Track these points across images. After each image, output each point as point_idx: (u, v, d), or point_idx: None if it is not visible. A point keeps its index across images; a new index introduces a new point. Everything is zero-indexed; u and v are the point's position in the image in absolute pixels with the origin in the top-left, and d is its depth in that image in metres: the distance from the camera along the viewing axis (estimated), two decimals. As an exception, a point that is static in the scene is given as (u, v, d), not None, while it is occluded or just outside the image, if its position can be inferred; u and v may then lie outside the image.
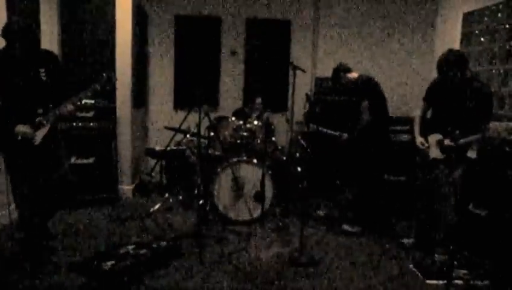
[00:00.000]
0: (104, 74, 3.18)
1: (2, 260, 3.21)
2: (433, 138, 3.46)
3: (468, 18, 4.89)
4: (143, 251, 3.24)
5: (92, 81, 3.19)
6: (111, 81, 3.20)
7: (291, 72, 3.85)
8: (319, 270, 3.30)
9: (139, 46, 5.35)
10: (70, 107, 3.11)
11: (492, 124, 3.07)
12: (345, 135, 4.22)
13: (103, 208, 4.56)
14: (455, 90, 3.32)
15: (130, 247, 3.32)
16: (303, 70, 4.00)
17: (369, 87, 4.04)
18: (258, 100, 5.36)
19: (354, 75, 4.16)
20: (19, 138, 2.98)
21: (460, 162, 3.35)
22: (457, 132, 3.21)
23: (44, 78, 3.04)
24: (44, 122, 3.07)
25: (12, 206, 3.38)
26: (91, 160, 4.62)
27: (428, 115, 3.70)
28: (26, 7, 4.19)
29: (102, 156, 4.68)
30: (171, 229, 4.02)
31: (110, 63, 4.88)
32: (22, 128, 3.00)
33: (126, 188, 5.11)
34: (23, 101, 3.03)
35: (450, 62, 3.23)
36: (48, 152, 3.16)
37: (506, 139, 4.04)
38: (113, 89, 4.07)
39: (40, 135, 3.06)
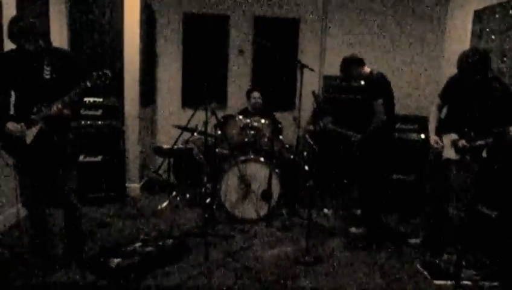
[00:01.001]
0: (94, 72, 3.06)
1: (11, 256, 3.24)
2: (448, 137, 3.37)
3: (479, 15, 4.82)
4: (149, 249, 3.25)
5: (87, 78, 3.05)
6: (104, 77, 3.08)
7: (299, 71, 3.83)
8: (325, 269, 3.29)
9: (147, 44, 5.37)
10: (58, 106, 2.93)
11: None
12: (358, 136, 4.05)
13: (111, 205, 4.59)
14: (474, 90, 3.20)
15: (137, 244, 3.33)
16: (311, 69, 3.98)
17: (383, 84, 3.92)
18: (255, 94, 5.13)
19: (366, 69, 4.00)
20: (9, 134, 2.94)
21: (475, 164, 3.24)
22: (473, 134, 3.13)
23: (47, 77, 2.95)
24: (35, 120, 2.96)
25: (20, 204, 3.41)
26: (99, 158, 4.65)
27: (443, 112, 3.61)
28: (36, 7, 4.22)
29: (110, 154, 4.70)
30: (178, 227, 4.03)
31: (118, 61, 4.91)
32: (11, 125, 2.92)
33: (134, 186, 5.13)
34: (21, 99, 3.00)
35: (472, 63, 3.09)
36: (40, 153, 3.02)
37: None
38: (110, 85, 3.85)
39: (31, 133, 2.96)
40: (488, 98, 3.13)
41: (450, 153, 3.34)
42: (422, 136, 4.87)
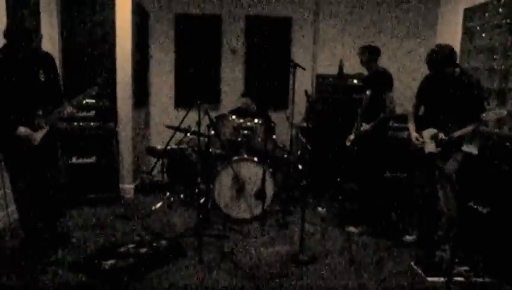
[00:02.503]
0: (99, 79, 3.25)
1: (3, 259, 3.22)
2: (428, 132, 3.48)
3: (469, 13, 4.86)
4: (143, 250, 3.27)
5: (91, 82, 3.26)
6: (107, 83, 3.27)
7: (291, 70, 3.85)
8: (320, 267, 3.30)
9: (140, 45, 5.35)
10: (69, 109, 3.16)
11: (485, 114, 3.14)
12: (367, 126, 4.05)
13: (104, 207, 4.57)
14: (445, 86, 3.37)
15: (131, 246, 3.33)
16: (303, 68, 4.00)
17: (390, 78, 4.07)
18: (245, 100, 5.19)
19: (376, 64, 4.16)
20: (19, 139, 3.00)
21: (454, 154, 3.35)
22: (450, 125, 3.25)
23: (42, 79, 3.07)
24: (44, 123, 3.09)
25: (12, 207, 3.42)
26: (92, 159, 4.63)
27: (421, 111, 3.74)
28: (27, 10, 4.19)
29: (103, 155, 4.69)
30: (172, 228, 4.02)
31: (110, 62, 4.89)
32: (23, 130, 3.00)
33: (127, 187, 5.12)
34: (23, 102, 3.04)
35: (439, 57, 3.29)
36: (45, 152, 3.18)
37: (507, 134, 4.04)
38: (113, 88, 4.08)
39: (39, 136, 3.08)
40: (458, 92, 3.28)
41: (431, 148, 3.43)
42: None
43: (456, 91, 3.30)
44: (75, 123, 4.58)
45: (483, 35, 4.60)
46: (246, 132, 4.47)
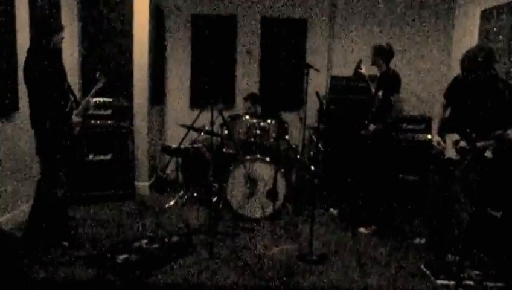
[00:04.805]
0: (97, 74, 3.51)
1: (22, 252, 3.32)
2: (450, 138, 3.38)
3: (486, 15, 4.80)
4: (155, 245, 3.33)
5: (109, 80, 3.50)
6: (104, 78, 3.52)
7: (305, 71, 3.87)
8: (329, 267, 3.32)
9: (156, 45, 5.45)
10: (92, 101, 3.50)
11: (511, 131, 2.95)
12: (372, 126, 4.05)
13: (119, 203, 4.67)
14: (477, 90, 3.19)
15: (144, 241, 3.41)
16: (316, 70, 4.02)
17: (399, 81, 4.01)
18: (246, 104, 5.21)
19: (387, 66, 4.08)
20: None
21: (475, 164, 3.23)
22: (473, 135, 3.12)
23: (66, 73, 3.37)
24: (80, 114, 3.37)
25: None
26: (108, 156, 4.74)
27: (447, 113, 3.61)
28: (48, 7, 4.32)
29: (119, 153, 4.79)
30: (185, 225, 4.09)
31: (127, 62, 5.00)
32: (75, 118, 3.29)
33: (142, 184, 5.21)
34: (65, 94, 3.28)
35: (477, 60, 3.07)
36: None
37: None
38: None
39: (77, 126, 3.35)
40: (491, 99, 3.12)
41: (451, 153, 3.36)
42: (429, 136, 4.87)
43: (487, 98, 3.12)
44: (92, 121, 4.69)
45: (500, 37, 4.54)
46: (258, 132, 4.51)
